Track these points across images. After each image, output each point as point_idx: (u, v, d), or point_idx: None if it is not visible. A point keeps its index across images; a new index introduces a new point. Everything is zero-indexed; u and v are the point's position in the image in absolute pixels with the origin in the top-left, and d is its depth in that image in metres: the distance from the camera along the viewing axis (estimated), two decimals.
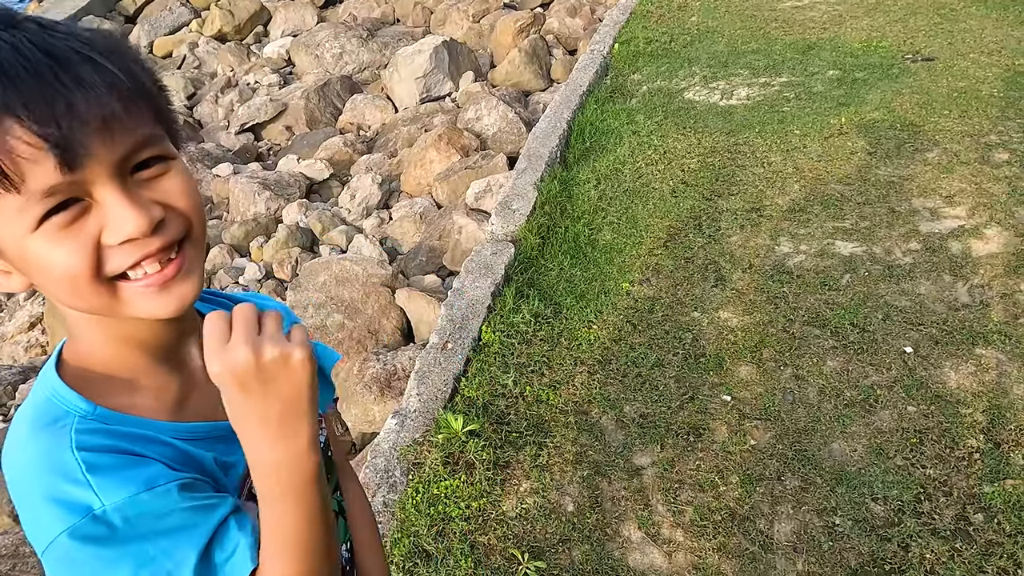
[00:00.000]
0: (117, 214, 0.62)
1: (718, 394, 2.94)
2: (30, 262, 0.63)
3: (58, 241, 0.62)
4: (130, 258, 0.65)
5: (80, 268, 0.63)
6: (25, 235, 0.61)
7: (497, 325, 3.24)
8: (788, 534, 2.44)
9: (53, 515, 0.66)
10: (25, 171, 0.58)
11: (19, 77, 0.57)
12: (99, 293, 0.66)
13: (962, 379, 2.92)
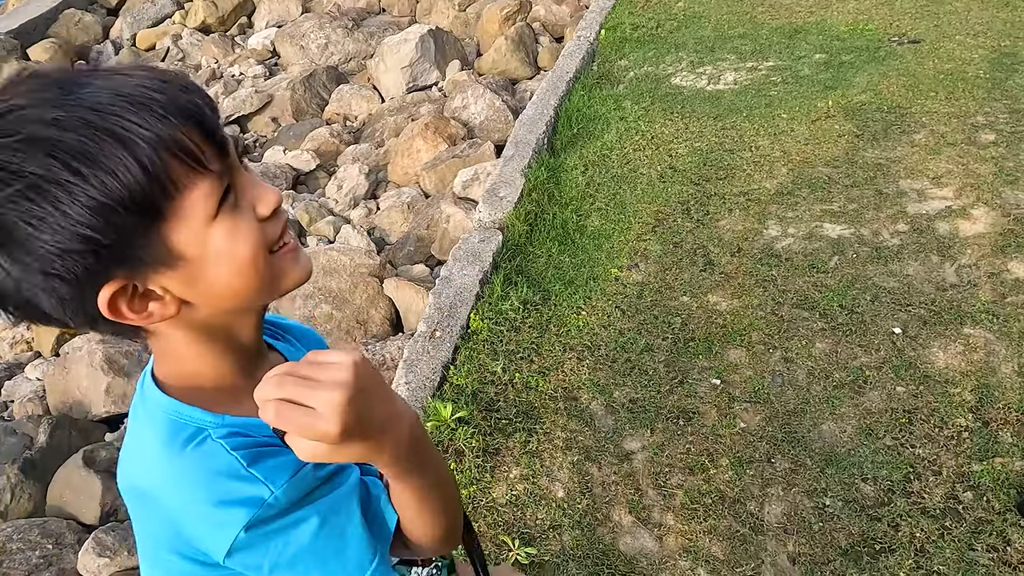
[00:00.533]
0: (261, 190, 0.73)
1: (707, 378, 2.93)
2: (212, 253, 0.69)
3: (236, 221, 0.70)
4: (279, 226, 0.74)
5: (259, 240, 0.72)
6: (207, 225, 0.68)
7: (485, 313, 3.22)
8: (779, 516, 2.44)
9: (229, 515, 0.72)
10: (200, 171, 0.66)
11: (167, 104, 0.64)
12: (269, 266, 0.73)
13: (950, 359, 2.92)
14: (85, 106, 0.62)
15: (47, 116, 0.61)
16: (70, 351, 3.93)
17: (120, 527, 2.94)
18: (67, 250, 0.63)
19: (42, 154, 0.61)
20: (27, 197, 0.61)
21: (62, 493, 3.18)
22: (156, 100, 0.64)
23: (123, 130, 0.62)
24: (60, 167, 0.61)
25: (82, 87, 0.64)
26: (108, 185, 0.62)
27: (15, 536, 2.93)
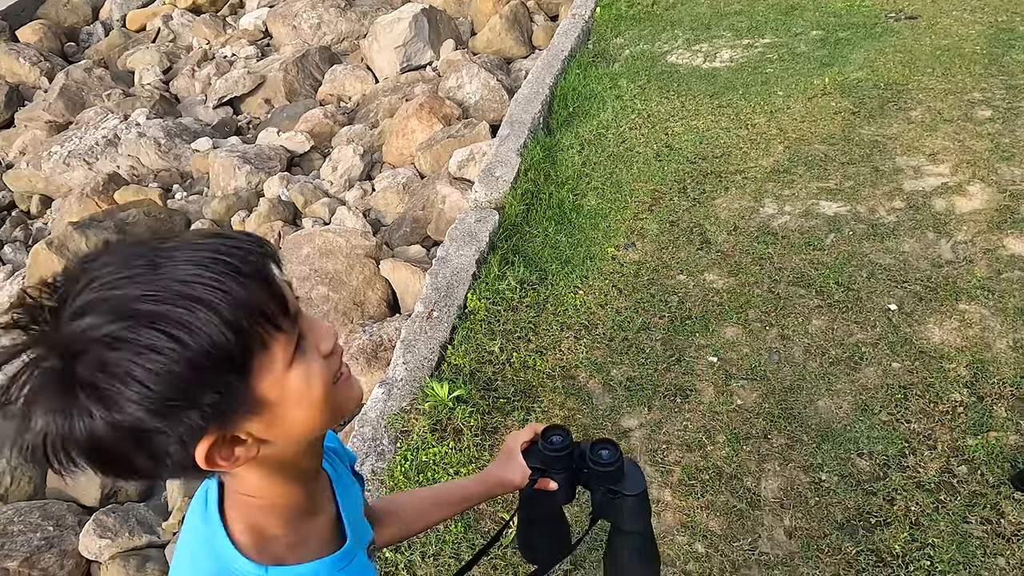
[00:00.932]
0: (320, 330, 0.80)
1: (704, 355, 2.94)
2: (291, 396, 0.76)
3: (308, 364, 0.77)
4: (338, 359, 0.82)
5: (327, 377, 0.79)
6: (285, 372, 0.75)
7: (482, 292, 3.22)
8: (775, 491, 2.46)
9: None
10: (279, 329, 0.73)
11: (244, 271, 0.71)
12: (335, 397, 0.80)
13: (946, 335, 2.93)
14: (174, 279, 0.68)
15: (138, 293, 0.67)
16: None
17: (121, 509, 2.95)
18: (170, 411, 0.68)
19: (144, 327, 0.66)
20: (134, 363, 0.66)
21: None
22: (233, 267, 0.71)
23: (212, 299, 0.68)
24: (162, 336, 0.66)
25: (166, 261, 0.70)
26: (204, 349, 0.67)
27: (16, 518, 2.94)
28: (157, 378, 0.66)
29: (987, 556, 2.23)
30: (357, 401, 0.85)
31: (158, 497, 3.20)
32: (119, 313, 0.66)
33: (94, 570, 2.88)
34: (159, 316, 0.66)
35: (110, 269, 0.69)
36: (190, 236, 0.74)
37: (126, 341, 0.66)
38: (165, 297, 0.67)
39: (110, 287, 0.67)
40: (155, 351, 0.66)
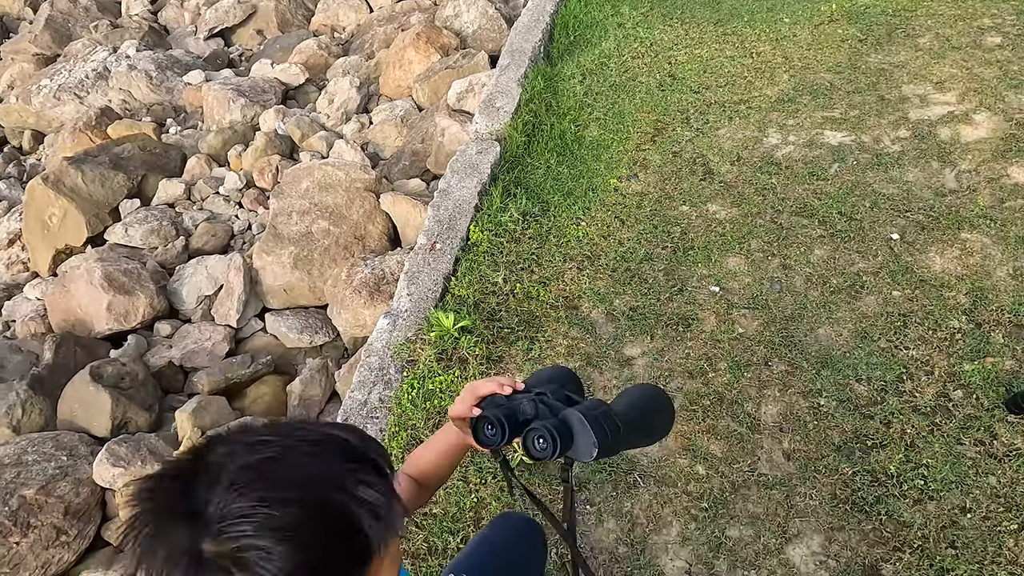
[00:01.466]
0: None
1: (707, 285, 2.96)
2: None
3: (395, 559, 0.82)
4: None
5: None
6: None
7: (485, 224, 3.21)
8: (774, 415, 2.51)
9: None
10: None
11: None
12: None
13: (947, 263, 2.95)
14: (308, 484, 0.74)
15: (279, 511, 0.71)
16: (68, 270, 3.93)
17: (132, 439, 3.01)
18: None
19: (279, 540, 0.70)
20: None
21: (72, 408, 3.23)
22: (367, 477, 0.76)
23: (347, 508, 0.74)
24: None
25: (295, 464, 0.75)
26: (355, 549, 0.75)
27: (30, 449, 3.00)
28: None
29: (979, 475, 2.29)
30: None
31: (168, 428, 3.25)
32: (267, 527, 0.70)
33: (109, 498, 2.95)
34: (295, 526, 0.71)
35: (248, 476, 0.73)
36: (317, 437, 0.78)
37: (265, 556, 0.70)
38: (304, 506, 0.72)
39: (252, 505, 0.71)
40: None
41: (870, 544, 2.16)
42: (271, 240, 3.92)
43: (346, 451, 0.78)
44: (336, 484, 0.74)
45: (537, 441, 1.07)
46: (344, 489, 0.74)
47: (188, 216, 4.46)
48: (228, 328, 3.69)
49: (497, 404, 1.12)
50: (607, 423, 1.09)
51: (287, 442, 0.76)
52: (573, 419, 1.08)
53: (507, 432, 1.09)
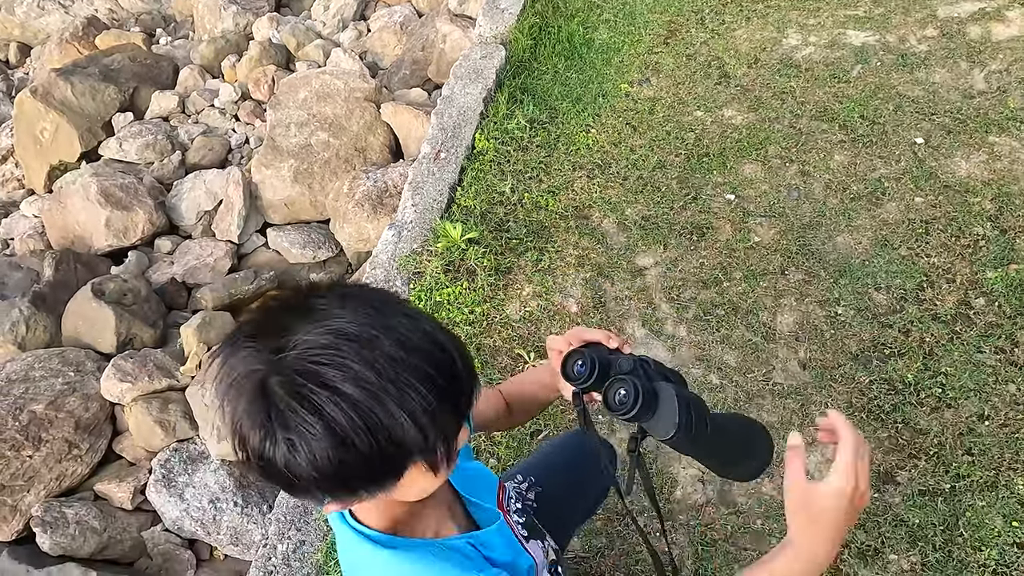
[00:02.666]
0: (462, 440, 0.85)
1: (722, 193, 2.86)
2: (418, 488, 0.85)
3: (443, 473, 0.83)
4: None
5: (447, 474, 0.85)
6: (423, 478, 0.82)
7: (491, 132, 3.08)
8: (791, 325, 2.46)
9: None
10: (456, 438, 0.82)
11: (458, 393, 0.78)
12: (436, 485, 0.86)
13: (973, 168, 2.83)
14: (384, 379, 0.73)
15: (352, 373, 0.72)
16: (64, 186, 3.82)
17: (138, 354, 2.98)
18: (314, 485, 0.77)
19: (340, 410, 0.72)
20: (312, 437, 0.73)
21: (76, 325, 3.20)
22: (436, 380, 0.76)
23: (402, 412, 0.73)
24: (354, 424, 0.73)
25: (380, 345, 0.74)
26: (374, 460, 0.75)
27: (36, 365, 2.98)
28: (324, 461, 0.73)
29: (998, 383, 2.25)
30: (447, 475, 0.90)
31: (174, 344, 3.23)
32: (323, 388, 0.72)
33: (118, 412, 2.94)
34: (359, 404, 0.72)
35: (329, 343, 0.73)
36: (413, 326, 0.77)
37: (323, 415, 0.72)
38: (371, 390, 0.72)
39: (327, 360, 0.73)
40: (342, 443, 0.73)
41: (885, 451, 2.14)
42: (270, 153, 3.80)
43: (437, 369, 0.76)
44: (402, 403, 0.73)
45: (619, 393, 0.98)
46: (409, 409, 0.74)
47: (183, 130, 4.32)
48: (229, 244, 3.62)
49: (598, 352, 1.05)
50: (696, 411, 1.00)
51: (386, 323, 0.76)
52: (665, 392, 0.99)
53: (596, 373, 1.01)
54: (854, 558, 1.94)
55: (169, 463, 2.73)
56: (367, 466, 0.75)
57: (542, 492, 1.44)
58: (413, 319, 0.78)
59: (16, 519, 2.64)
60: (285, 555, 1.94)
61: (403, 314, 0.78)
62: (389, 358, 0.73)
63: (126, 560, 2.68)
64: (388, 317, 0.76)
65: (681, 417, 0.97)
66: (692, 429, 0.98)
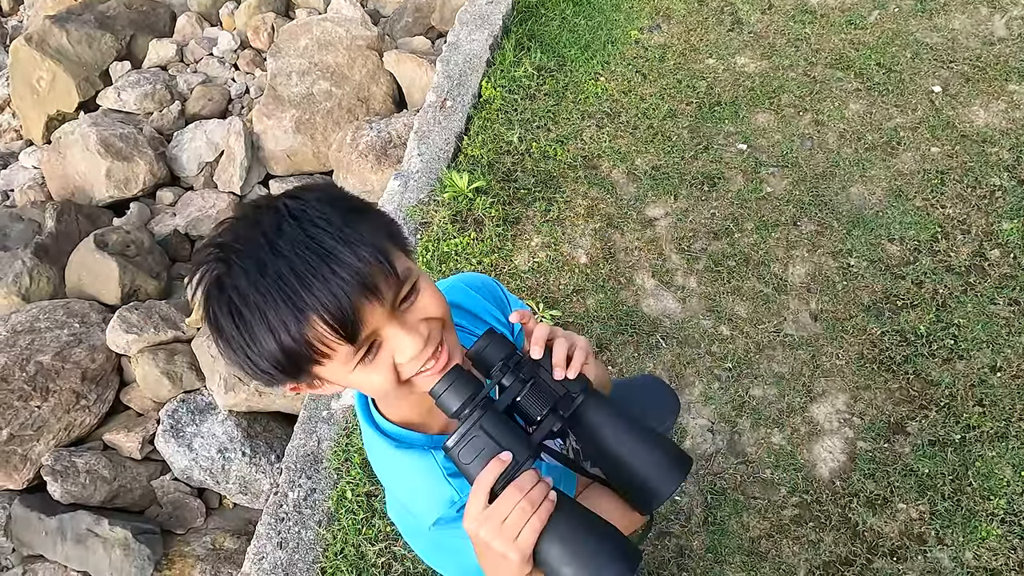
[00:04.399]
0: (400, 346, 0.85)
1: (734, 143, 2.80)
2: (354, 386, 0.91)
3: (369, 373, 0.86)
4: (416, 368, 0.88)
5: (388, 384, 0.88)
6: (346, 374, 0.86)
7: (498, 80, 3.01)
8: (802, 276, 2.43)
9: (428, 506, 0.98)
10: (334, 348, 0.82)
11: (307, 284, 0.79)
12: (400, 391, 0.90)
13: (991, 117, 2.77)
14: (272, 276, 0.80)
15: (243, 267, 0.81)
16: (63, 136, 3.76)
17: (143, 306, 2.96)
18: (263, 370, 0.85)
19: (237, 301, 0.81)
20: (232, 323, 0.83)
21: (79, 276, 3.18)
22: (337, 270, 0.80)
23: (300, 300, 0.79)
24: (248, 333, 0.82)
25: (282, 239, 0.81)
26: (273, 347, 0.81)
27: (42, 316, 2.96)
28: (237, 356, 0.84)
29: (1011, 335, 2.24)
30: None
31: (179, 296, 3.21)
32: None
33: (124, 363, 2.94)
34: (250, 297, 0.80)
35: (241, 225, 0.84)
36: (319, 215, 0.82)
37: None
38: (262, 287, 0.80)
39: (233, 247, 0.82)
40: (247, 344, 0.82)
41: (896, 402, 2.13)
42: (271, 103, 3.72)
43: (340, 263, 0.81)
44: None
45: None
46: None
47: (182, 79, 4.24)
48: (232, 195, 3.58)
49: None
50: None
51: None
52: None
53: None
54: (863, 507, 1.95)
55: (177, 414, 2.74)
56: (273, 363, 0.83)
57: None
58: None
59: (27, 468, 2.65)
60: (296, 502, 1.94)
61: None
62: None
63: (136, 508, 2.70)
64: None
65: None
66: None
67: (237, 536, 2.64)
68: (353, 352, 0.83)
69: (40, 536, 2.51)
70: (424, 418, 1.01)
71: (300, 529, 1.87)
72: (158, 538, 2.58)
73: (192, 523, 2.68)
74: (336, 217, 0.82)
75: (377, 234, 0.84)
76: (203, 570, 2.53)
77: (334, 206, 0.84)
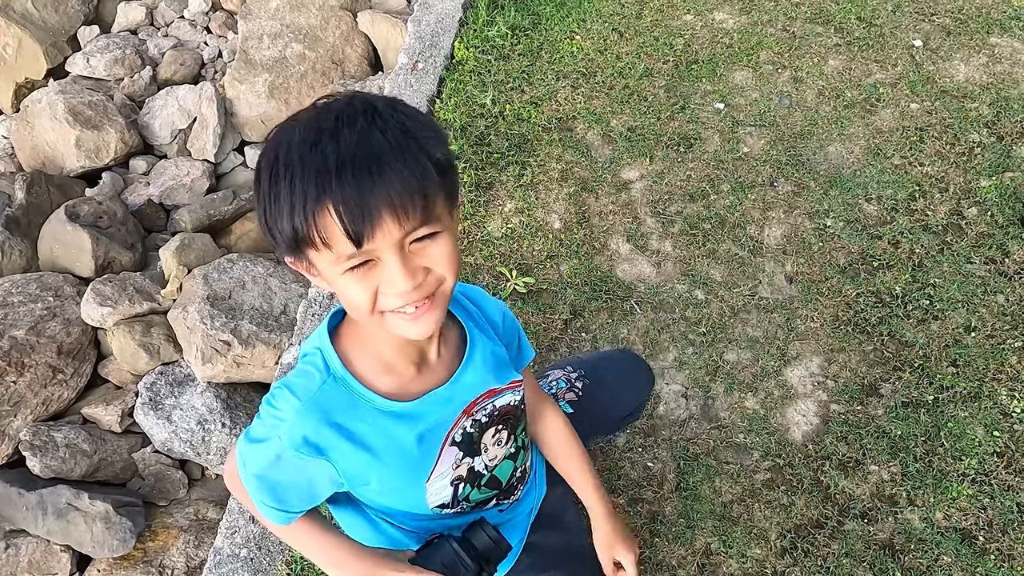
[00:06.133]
0: (391, 275, 0.87)
1: (711, 102, 2.75)
2: (336, 289, 0.92)
3: (353, 283, 0.88)
4: (396, 304, 0.91)
5: (364, 304, 0.91)
6: (336, 274, 0.88)
7: (471, 40, 2.94)
8: (778, 238, 2.41)
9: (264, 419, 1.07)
10: (334, 242, 0.84)
11: (342, 175, 0.80)
12: (372, 319, 0.93)
13: (972, 72, 2.72)
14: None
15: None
16: (30, 105, 3.68)
17: (117, 278, 2.93)
18: (270, 231, 0.89)
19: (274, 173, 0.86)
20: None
21: (52, 249, 3.13)
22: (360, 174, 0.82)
23: (328, 185, 0.82)
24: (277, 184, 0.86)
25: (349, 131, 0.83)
26: (285, 214, 0.84)
27: (14, 290, 2.93)
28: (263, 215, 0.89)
29: (987, 294, 2.23)
30: (413, 335, 0.95)
31: (153, 267, 3.17)
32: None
33: (100, 337, 2.92)
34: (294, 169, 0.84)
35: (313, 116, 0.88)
36: (381, 122, 0.85)
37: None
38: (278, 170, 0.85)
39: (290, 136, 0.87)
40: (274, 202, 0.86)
41: (870, 364, 2.13)
42: (243, 67, 3.64)
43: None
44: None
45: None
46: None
47: (153, 43, 4.13)
48: (206, 163, 3.52)
49: None
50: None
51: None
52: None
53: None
54: (835, 470, 1.96)
55: (155, 386, 2.73)
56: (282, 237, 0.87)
57: (588, 386, 1.57)
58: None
59: (5, 443, 2.65)
60: None
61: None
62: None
63: (118, 481, 2.71)
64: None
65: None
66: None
67: (220, 507, 2.65)
68: (347, 256, 0.85)
69: (21, 511, 2.51)
70: (391, 357, 1.05)
71: None
72: (140, 510, 2.59)
73: (174, 494, 2.69)
74: (404, 135, 0.84)
75: (431, 169, 0.85)
76: (186, 540, 2.55)
77: (417, 124, 0.87)
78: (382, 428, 1.04)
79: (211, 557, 1.84)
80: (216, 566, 1.81)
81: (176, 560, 2.51)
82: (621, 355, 1.78)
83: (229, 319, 2.68)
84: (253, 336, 2.65)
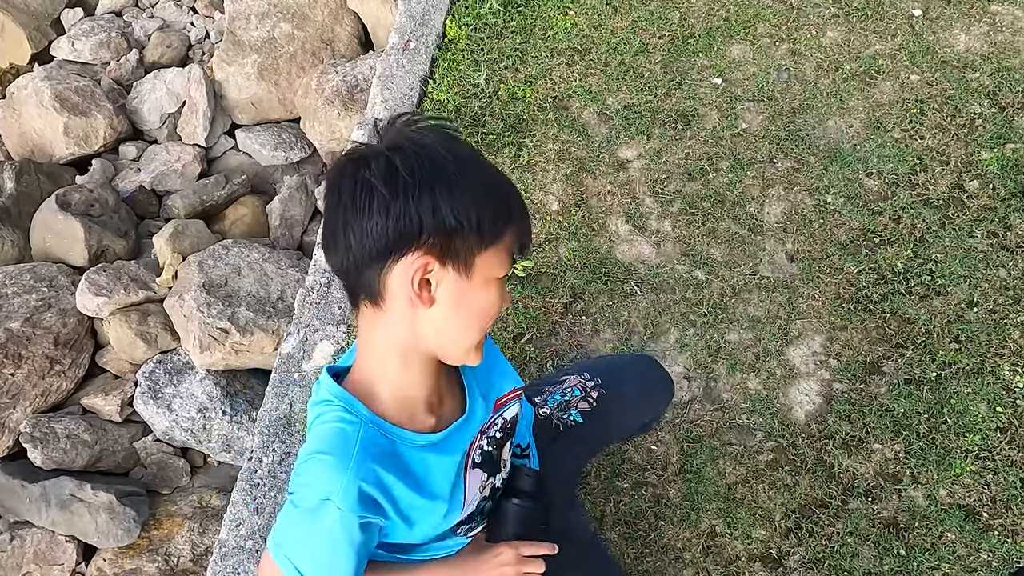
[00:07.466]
0: (506, 293, 1.01)
1: (708, 77, 2.71)
2: (473, 300, 0.96)
3: (498, 292, 0.98)
4: (495, 316, 1.02)
5: (497, 309, 0.99)
6: (492, 278, 0.96)
7: (463, 18, 2.88)
8: (778, 215, 2.39)
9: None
10: (510, 253, 0.98)
11: (518, 206, 0.99)
12: (477, 333, 1.01)
13: (972, 41, 2.68)
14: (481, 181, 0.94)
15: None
16: (16, 91, 3.62)
17: (111, 267, 2.90)
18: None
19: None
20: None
21: (44, 238, 3.10)
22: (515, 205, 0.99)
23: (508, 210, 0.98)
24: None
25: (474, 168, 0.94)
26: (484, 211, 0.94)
27: (7, 281, 2.90)
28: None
29: (989, 268, 2.21)
30: (470, 362, 1.04)
31: (148, 255, 3.14)
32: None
33: (97, 326, 2.90)
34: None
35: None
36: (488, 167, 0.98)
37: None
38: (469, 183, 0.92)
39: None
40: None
41: (872, 342, 2.12)
42: (231, 49, 3.58)
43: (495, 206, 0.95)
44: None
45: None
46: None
47: (138, 25, 4.05)
48: (197, 147, 3.47)
49: None
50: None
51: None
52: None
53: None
54: (838, 449, 1.96)
55: (154, 375, 2.72)
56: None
57: (604, 396, 1.52)
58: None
59: (5, 436, 2.64)
60: (271, 467, 1.94)
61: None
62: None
63: (121, 470, 2.71)
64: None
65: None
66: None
67: (224, 493, 2.66)
68: (511, 265, 0.99)
69: (25, 503, 2.51)
70: (414, 395, 1.05)
71: (276, 494, 1.88)
72: (144, 499, 2.59)
73: (178, 482, 2.69)
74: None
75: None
76: (191, 528, 2.55)
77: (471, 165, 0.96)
78: (425, 463, 1.03)
79: (216, 550, 1.84)
80: (222, 558, 1.82)
81: (181, 548, 2.52)
82: (640, 362, 1.71)
83: (226, 306, 2.66)
84: (251, 323, 2.64)
